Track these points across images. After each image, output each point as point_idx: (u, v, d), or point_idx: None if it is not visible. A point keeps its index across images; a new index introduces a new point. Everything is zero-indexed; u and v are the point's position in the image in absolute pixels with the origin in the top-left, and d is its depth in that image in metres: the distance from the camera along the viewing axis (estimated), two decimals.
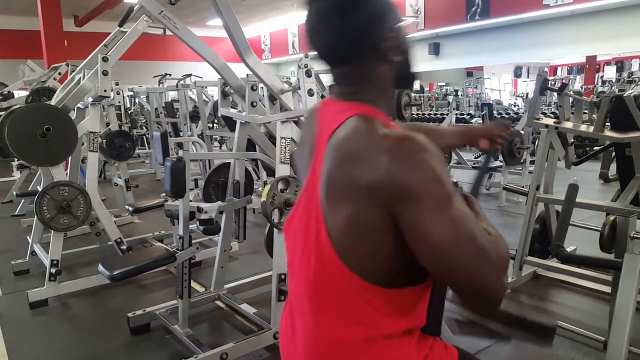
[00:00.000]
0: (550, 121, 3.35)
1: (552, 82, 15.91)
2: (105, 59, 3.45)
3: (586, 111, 3.75)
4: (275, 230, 2.67)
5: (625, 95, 2.83)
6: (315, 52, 1.00)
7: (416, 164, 0.83)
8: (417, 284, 0.94)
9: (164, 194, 5.31)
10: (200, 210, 2.80)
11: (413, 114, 10.88)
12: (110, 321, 3.12)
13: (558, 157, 3.43)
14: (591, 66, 13.71)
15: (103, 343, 2.87)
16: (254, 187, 4.07)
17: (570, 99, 3.49)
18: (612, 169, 5.79)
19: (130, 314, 2.93)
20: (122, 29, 3.94)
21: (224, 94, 3.39)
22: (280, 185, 2.62)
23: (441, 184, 0.83)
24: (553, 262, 3.40)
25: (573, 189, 2.13)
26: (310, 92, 2.54)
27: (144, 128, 10.43)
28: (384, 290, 0.91)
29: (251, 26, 15.92)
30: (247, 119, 2.98)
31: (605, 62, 15.08)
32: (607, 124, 2.99)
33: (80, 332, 3.07)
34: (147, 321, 2.97)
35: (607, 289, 3.07)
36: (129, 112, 11.25)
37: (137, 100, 11.80)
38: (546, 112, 9.04)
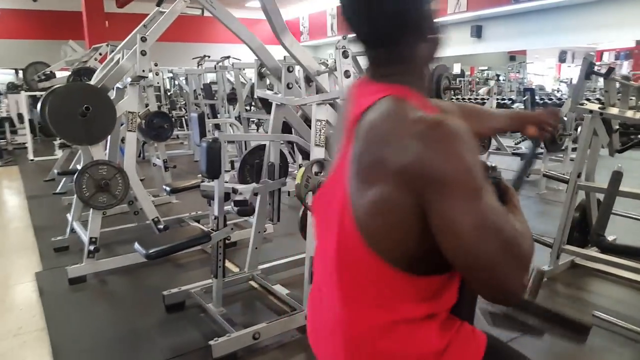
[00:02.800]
0: (594, 107, 3.25)
1: (598, 67, 15.31)
2: (143, 39, 3.47)
3: (633, 97, 3.61)
4: (309, 213, 2.66)
5: None
6: (353, 34, 0.98)
7: (448, 151, 0.81)
8: (443, 273, 0.93)
9: (200, 175, 5.40)
10: (235, 191, 2.80)
11: (452, 98, 10.64)
12: (147, 298, 3.18)
13: (602, 144, 3.32)
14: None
15: (139, 320, 2.94)
16: (289, 170, 4.07)
17: (617, 84, 3.35)
18: None
19: (165, 292, 2.98)
20: (160, 9, 3.96)
21: (261, 76, 3.38)
22: (314, 168, 2.60)
23: (472, 175, 0.81)
24: (592, 252, 3.29)
25: (617, 177, 2.04)
26: (347, 74, 2.49)
27: (183, 110, 10.56)
28: (407, 276, 0.90)
29: (290, 7, 15.83)
30: (282, 100, 2.96)
31: None
32: None
33: (117, 308, 3.14)
34: (182, 299, 3.02)
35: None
36: (168, 93, 11.41)
37: (176, 82, 11.95)
38: (590, 98, 8.69)
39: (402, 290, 0.91)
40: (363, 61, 1.02)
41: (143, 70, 3.46)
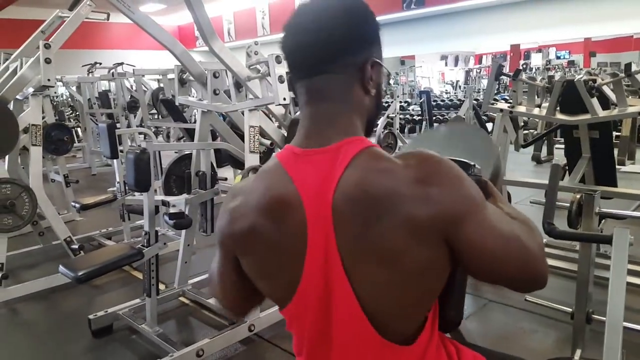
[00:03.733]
0: (504, 106, 3.49)
1: (478, 70, 16.60)
2: (47, 46, 3.20)
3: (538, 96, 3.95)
4: None
5: (576, 79, 3.00)
6: (294, 52, 0.90)
7: (450, 181, 0.81)
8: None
9: (111, 189, 5.08)
10: (165, 204, 2.68)
11: None
12: (69, 325, 2.94)
13: (509, 140, 3.58)
14: (515, 54, 14.40)
15: (63, 349, 2.70)
16: None
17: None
18: (544, 152, 6.14)
19: (91, 316, 2.77)
20: (61, 14, 3.68)
21: (182, 82, 3.25)
22: (251, 175, 2.56)
23: (476, 191, 0.83)
24: None
25: (556, 169, 2.23)
26: (281, 79, 2.48)
27: (73, 121, 9.86)
28: (407, 348, 0.88)
29: (212, 4, 14.82)
30: (210, 107, 2.88)
31: (525, 50, 15.89)
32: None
33: (36, 339, 2.86)
34: (109, 322, 2.82)
35: (570, 265, 3.29)
36: (54, 103, 10.59)
37: (62, 91, 11.13)
38: (478, 98, 9.39)
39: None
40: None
41: (48, 80, 3.19)
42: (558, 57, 16.55)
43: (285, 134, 2.87)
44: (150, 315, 2.67)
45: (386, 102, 11.61)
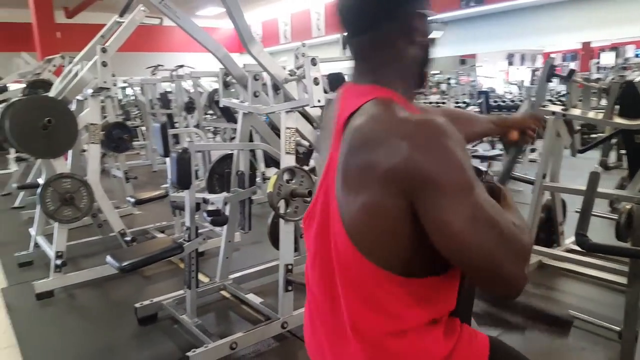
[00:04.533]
0: (557, 108, 3.32)
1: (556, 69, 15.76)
2: (104, 50, 3.42)
3: (594, 98, 3.71)
4: (280, 221, 2.68)
5: (636, 80, 2.82)
6: (340, 16, 0.98)
7: (437, 150, 0.80)
8: (439, 274, 0.92)
9: (164, 185, 5.32)
10: (206, 201, 2.80)
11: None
12: (118, 311, 3.14)
13: (564, 145, 3.39)
14: (586, 53, 13.66)
15: (112, 333, 2.89)
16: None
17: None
18: (612, 157, 5.79)
19: (137, 305, 2.94)
20: (118, 19, 3.91)
21: (226, 84, 3.38)
22: (285, 176, 2.63)
23: (462, 171, 0.81)
24: (558, 251, 3.35)
25: (595, 177, 2.10)
26: (316, 81, 2.53)
27: (138, 120, 10.34)
28: (403, 280, 0.89)
29: (269, 6, 15.49)
30: (250, 109, 2.98)
31: (600, 48, 15.06)
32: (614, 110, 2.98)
33: (89, 322, 3.08)
34: (154, 311, 2.99)
35: (615, 277, 3.10)
36: (120, 103, 11.14)
37: (129, 92, 11.69)
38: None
39: (403, 295, 0.90)
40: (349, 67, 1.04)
41: (105, 82, 3.40)
42: (637, 56, 15.54)
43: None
44: (190, 306, 2.80)
45: (437, 104, 11.43)
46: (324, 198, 0.98)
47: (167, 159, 4.14)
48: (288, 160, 2.69)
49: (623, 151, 6.35)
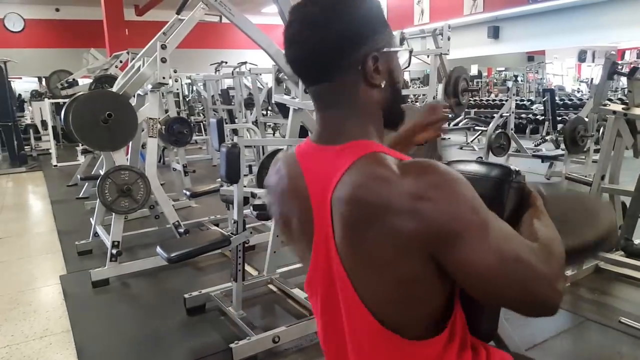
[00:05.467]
0: (618, 107, 3.19)
1: (620, 67, 15.04)
2: (163, 47, 3.53)
3: None
4: None
5: None
6: (293, 67, 0.91)
7: (447, 197, 0.77)
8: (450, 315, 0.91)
9: (219, 179, 5.46)
10: (254, 195, 2.84)
11: (470, 100, 10.53)
12: (168, 301, 3.23)
13: (626, 145, 3.26)
14: None
15: (161, 322, 2.99)
16: None
17: None
18: None
19: (186, 295, 3.02)
20: (179, 17, 4.02)
21: (278, 81, 3.41)
22: None
23: (476, 210, 0.78)
24: (616, 256, 3.22)
25: None
26: None
27: (201, 115, 10.67)
28: (423, 343, 0.87)
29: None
30: (300, 105, 2.99)
31: None
32: None
33: (140, 310, 3.21)
34: (202, 302, 3.06)
35: None
36: (187, 99, 11.54)
37: (194, 88, 12.07)
38: (612, 98, 8.57)
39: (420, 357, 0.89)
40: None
41: (163, 77, 3.51)
42: None
43: None
44: (236, 299, 2.85)
45: (501, 101, 11.05)
46: (324, 270, 0.91)
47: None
48: None
49: None
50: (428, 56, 4.54)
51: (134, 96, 3.85)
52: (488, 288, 0.80)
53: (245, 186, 2.87)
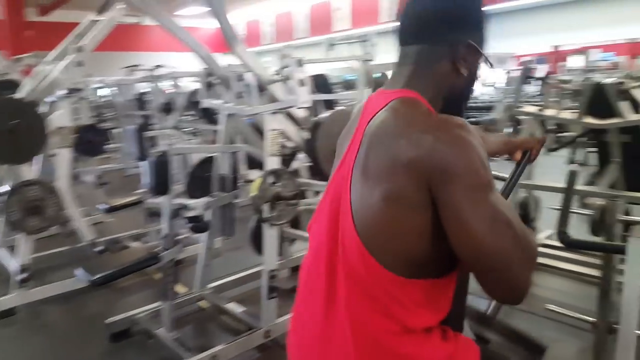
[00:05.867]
0: (534, 109, 3.41)
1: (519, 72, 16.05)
2: (79, 50, 3.23)
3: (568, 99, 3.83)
4: (264, 225, 2.57)
5: (605, 83, 2.87)
6: (401, 21, 1.00)
7: (460, 144, 0.83)
8: (440, 277, 0.92)
9: (138, 191, 5.12)
10: (186, 207, 2.64)
11: None
12: (88, 328, 2.95)
13: None
14: (557, 56, 13.93)
15: (80, 353, 2.72)
16: None
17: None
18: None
19: (108, 320, 2.76)
20: (94, 17, 3.72)
21: (208, 85, 3.23)
22: (270, 179, 2.52)
23: (484, 168, 0.83)
24: (540, 248, 3.39)
25: (573, 175, 2.16)
26: (302, 82, 2.42)
27: (111, 122, 10.07)
28: (406, 281, 0.89)
29: (251, 7, 15.45)
30: (233, 110, 2.84)
31: (565, 52, 15.35)
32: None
33: (55, 342, 2.88)
34: (126, 327, 2.81)
35: (588, 270, 3.24)
36: (94, 105, 10.83)
37: (103, 93, 11.39)
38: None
39: (404, 297, 0.90)
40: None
41: (78, 83, 3.21)
42: (603, 60, 15.93)
43: (307, 138, 2.80)
44: (168, 319, 2.64)
45: None
46: (334, 192, 0.99)
47: (143, 163, 3.99)
48: (272, 163, 2.57)
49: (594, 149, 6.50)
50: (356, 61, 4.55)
51: (44, 103, 3.48)
52: (473, 242, 0.82)
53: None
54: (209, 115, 5.22)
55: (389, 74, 1.10)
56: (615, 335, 2.13)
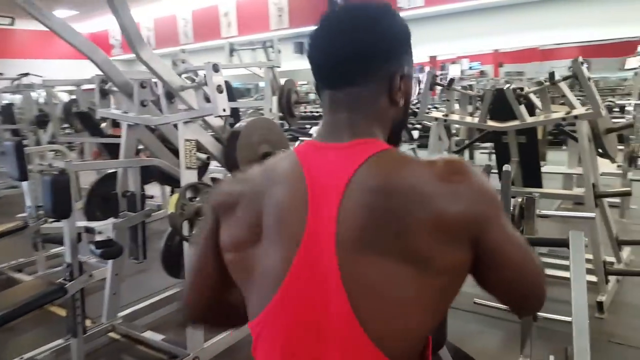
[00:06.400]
0: (439, 114, 3.55)
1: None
2: None
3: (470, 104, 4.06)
4: (184, 244, 2.38)
5: (505, 88, 3.07)
6: (322, 63, 0.88)
7: (478, 183, 0.79)
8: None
9: (21, 215, 4.55)
10: (90, 230, 2.36)
11: (302, 112, 10.75)
12: None
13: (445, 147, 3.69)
14: (433, 65, 14.87)
15: None
16: None
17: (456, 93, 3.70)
18: (466, 157, 6.39)
19: None
20: None
21: (103, 93, 2.92)
22: (189, 194, 2.34)
23: (498, 197, 0.83)
24: None
25: (507, 175, 2.24)
26: (220, 89, 2.27)
27: None
28: None
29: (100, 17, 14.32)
30: (138, 120, 2.59)
31: (442, 62, 16.50)
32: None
33: None
34: None
35: None
36: None
37: None
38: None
39: None
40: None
41: None
42: (470, 68, 17.34)
43: (224, 147, 2.64)
44: (77, 357, 2.34)
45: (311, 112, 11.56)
46: (298, 286, 0.77)
47: (24, 184, 3.54)
48: (190, 176, 2.39)
49: (482, 151, 7.12)
50: (261, 68, 4.44)
51: None
52: (514, 274, 0.82)
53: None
54: (92, 127, 4.77)
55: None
56: (539, 322, 2.30)
